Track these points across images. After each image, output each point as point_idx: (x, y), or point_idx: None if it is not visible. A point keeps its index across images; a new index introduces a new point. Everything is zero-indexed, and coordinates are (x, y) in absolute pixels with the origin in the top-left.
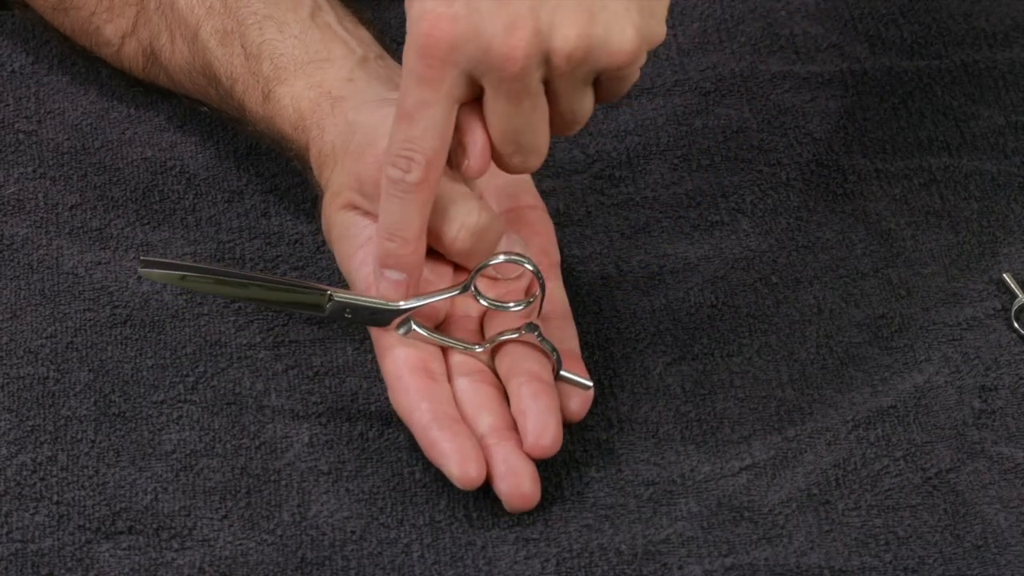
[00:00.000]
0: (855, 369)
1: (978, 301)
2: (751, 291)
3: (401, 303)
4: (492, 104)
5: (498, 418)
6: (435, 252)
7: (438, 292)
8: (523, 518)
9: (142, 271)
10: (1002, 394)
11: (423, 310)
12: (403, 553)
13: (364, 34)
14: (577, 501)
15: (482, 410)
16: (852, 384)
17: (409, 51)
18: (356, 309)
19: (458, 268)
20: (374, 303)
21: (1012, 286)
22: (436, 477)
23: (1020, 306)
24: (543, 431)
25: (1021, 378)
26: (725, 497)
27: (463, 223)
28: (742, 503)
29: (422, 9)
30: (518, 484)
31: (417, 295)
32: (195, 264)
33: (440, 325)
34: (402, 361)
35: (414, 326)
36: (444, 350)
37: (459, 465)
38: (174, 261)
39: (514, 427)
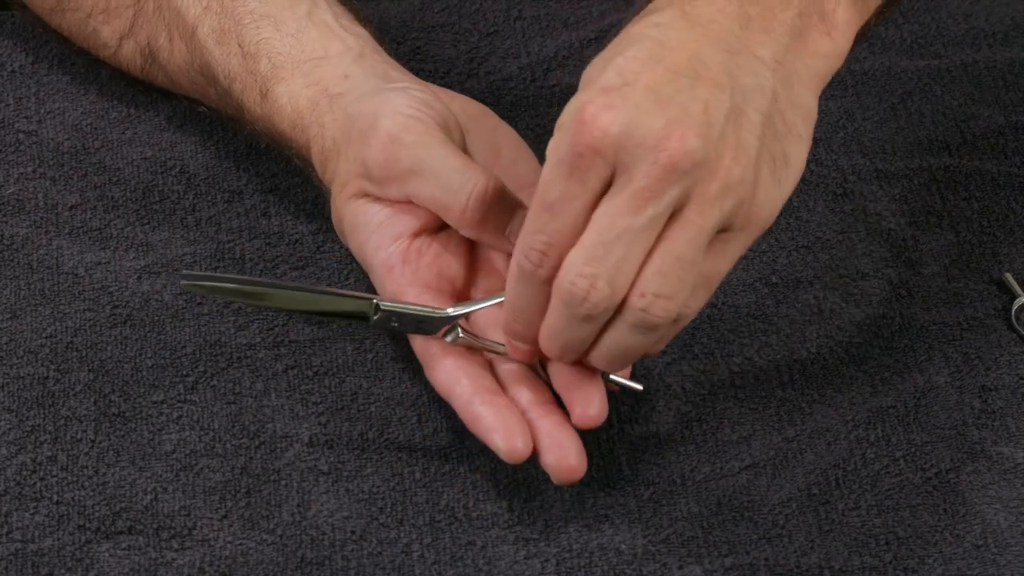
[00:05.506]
0: (855, 369)
1: (978, 301)
2: (751, 291)
3: (449, 310)
4: (607, 203)
5: (539, 393)
6: (451, 237)
7: (486, 299)
8: (523, 518)
9: (183, 284)
10: (1002, 394)
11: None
12: (403, 553)
13: (361, 31)
14: (577, 501)
15: (522, 386)
16: (852, 384)
17: (560, 143)
18: (403, 318)
19: (473, 253)
20: (421, 311)
21: (1012, 286)
22: (436, 477)
23: (1020, 306)
24: (589, 401)
25: (1021, 378)
26: (725, 497)
27: (470, 192)
28: (742, 503)
29: (579, 102)
30: (564, 457)
31: (463, 302)
32: (237, 277)
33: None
34: (437, 341)
35: (461, 332)
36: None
37: (505, 439)
38: (216, 274)
39: (555, 402)
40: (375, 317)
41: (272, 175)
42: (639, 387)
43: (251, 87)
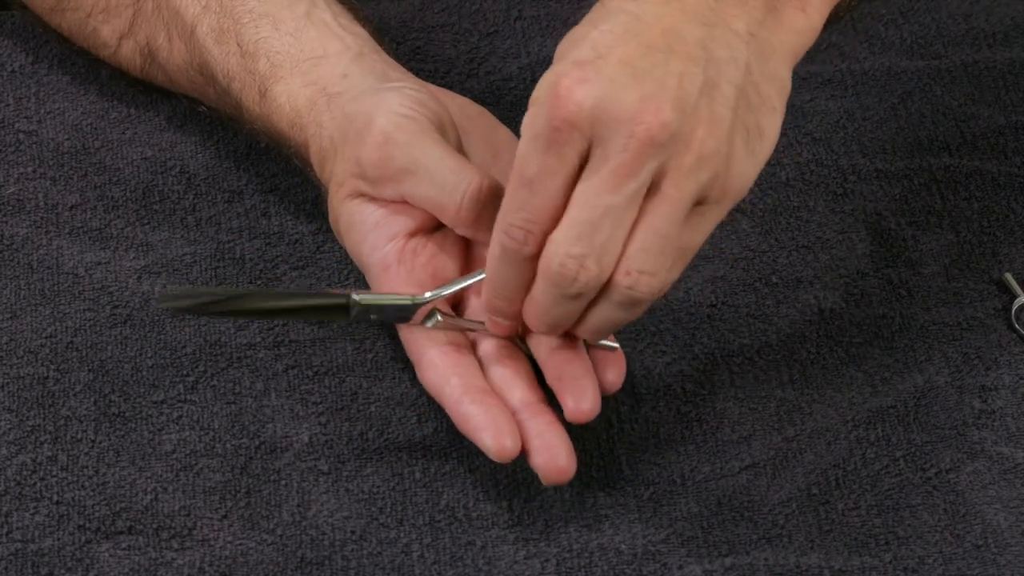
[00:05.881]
0: (855, 369)
1: (978, 301)
2: (751, 291)
3: (426, 294)
4: (588, 181)
5: (529, 392)
6: (446, 237)
7: (462, 279)
8: (523, 518)
9: (161, 306)
10: (1002, 394)
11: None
12: (403, 553)
13: (360, 31)
14: (577, 501)
15: (512, 385)
16: (852, 384)
17: (536, 117)
18: (382, 309)
19: (468, 252)
20: (398, 300)
21: (1012, 286)
22: (436, 477)
23: (1020, 306)
24: (581, 395)
25: (1021, 378)
26: (725, 497)
27: (464, 191)
28: (742, 503)
29: (553, 75)
30: (553, 458)
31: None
32: (213, 289)
33: (462, 310)
34: (427, 339)
35: (439, 316)
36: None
37: (494, 438)
38: (192, 290)
39: (546, 401)
40: (353, 312)
41: (272, 175)
42: (615, 345)
43: (250, 86)
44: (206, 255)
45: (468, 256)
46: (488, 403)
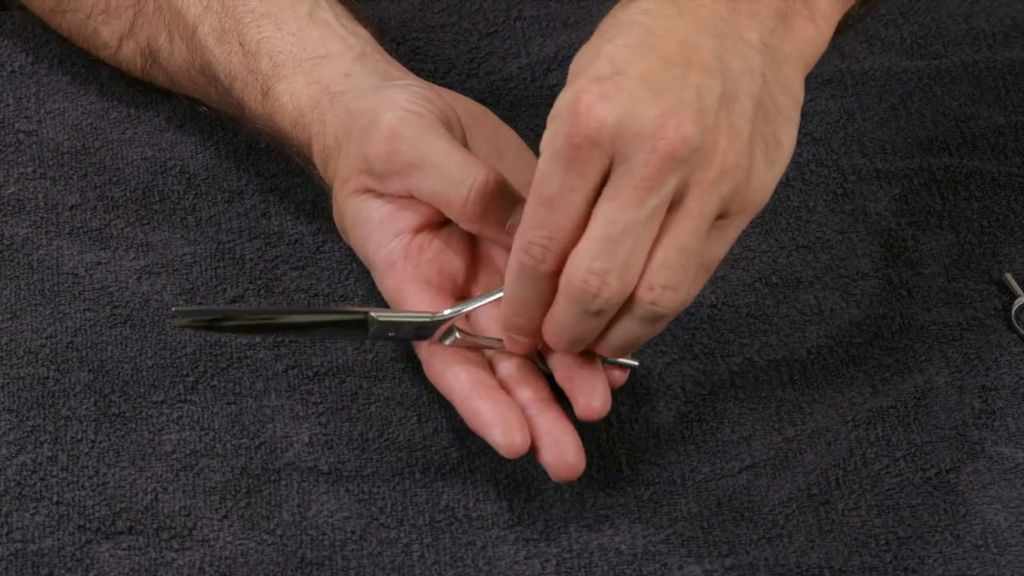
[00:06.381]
0: (855, 369)
1: (978, 301)
2: (751, 291)
3: (446, 312)
4: (610, 197)
5: (537, 390)
6: (452, 233)
7: (480, 297)
8: (523, 518)
9: (177, 322)
10: (1002, 394)
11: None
12: (403, 553)
13: (361, 31)
14: (577, 501)
15: (521, 384)
16: (852, 384)
17: (556, 134)
18: (400, 327)
19: (474, 249)
20: (416, 318)
21: (1012, 286)
22: (436, 477)
23: (1020, 306)
24: (592, 393)
25: (1021, 378)
26: (725, 497)
27: (471, 184)
28: (742, 503)
29: (573, 92)
30: (563, 454)
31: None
32: (229, 308)
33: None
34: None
35: (458, 334)
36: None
37: (504, 434)
38: (208, 308)
39: (554, 399)
40: (372, 330)
41: (272, 175)
42: (635, 363)
43: (252, 86)
44: (206, 255)
45: (474, 252)
46: (497, 399)
